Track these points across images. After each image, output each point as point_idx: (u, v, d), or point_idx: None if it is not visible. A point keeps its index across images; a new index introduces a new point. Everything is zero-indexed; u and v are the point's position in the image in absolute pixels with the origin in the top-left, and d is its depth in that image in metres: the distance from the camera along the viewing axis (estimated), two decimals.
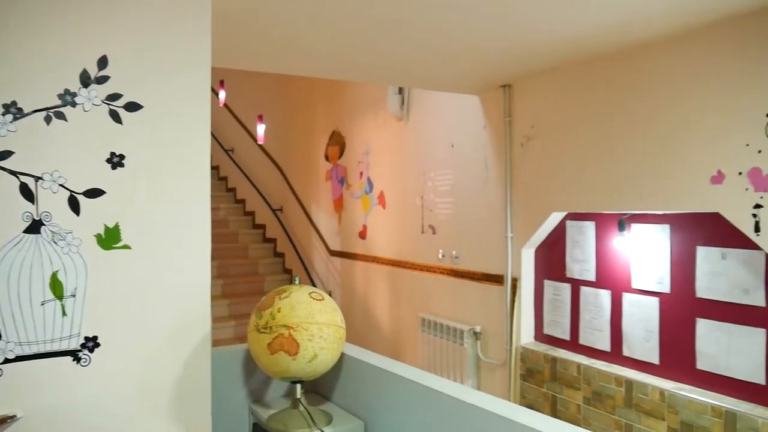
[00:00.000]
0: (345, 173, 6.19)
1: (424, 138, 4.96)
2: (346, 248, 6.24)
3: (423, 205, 4.97)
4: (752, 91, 2.62)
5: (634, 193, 3.14)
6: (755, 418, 2.66)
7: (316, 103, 6.74)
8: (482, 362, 4.32)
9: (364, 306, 5.93)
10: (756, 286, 2.76)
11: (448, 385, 1.81)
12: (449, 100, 4.61)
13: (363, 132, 5.86)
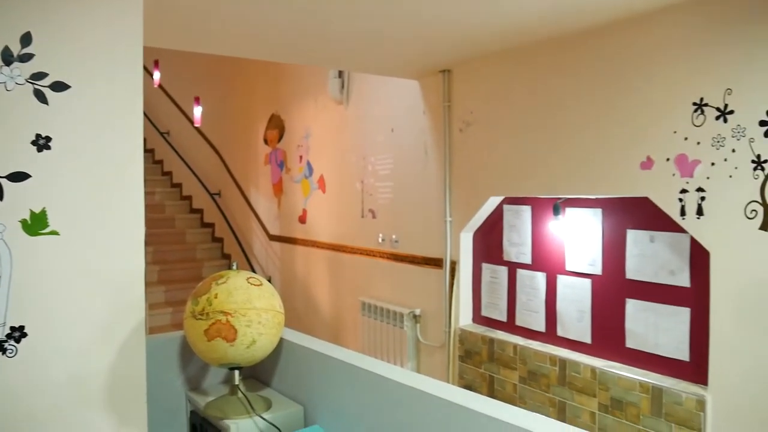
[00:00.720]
0: (284, 157, 6.13)
1: (364, 122, 4.95)
2: (285, 233, 6.19)
3: (363, 190, 4.97)
4: (679, 80, 2.72)
5: (569, 178, 3.22)
6: (680, 393, 2.79)
7: (255, 85, 6.63)
8: (422, 345, 4.38)
9: (305, 291, 5.90)
10: (681, 268, 2.88)
11: (386, 368, 1.82)
12: (389, 85, 4.61)
13: (303, 116, 5.80)
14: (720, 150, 2.58)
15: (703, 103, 2.64)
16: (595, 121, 3.08)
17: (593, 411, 3.18)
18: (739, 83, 2.51)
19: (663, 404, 2.86)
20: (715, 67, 2.59)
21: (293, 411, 2.11)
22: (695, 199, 2.67)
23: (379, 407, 1.78)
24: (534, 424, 1.32)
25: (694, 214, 2.68)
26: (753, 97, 2.47)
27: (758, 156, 2.46)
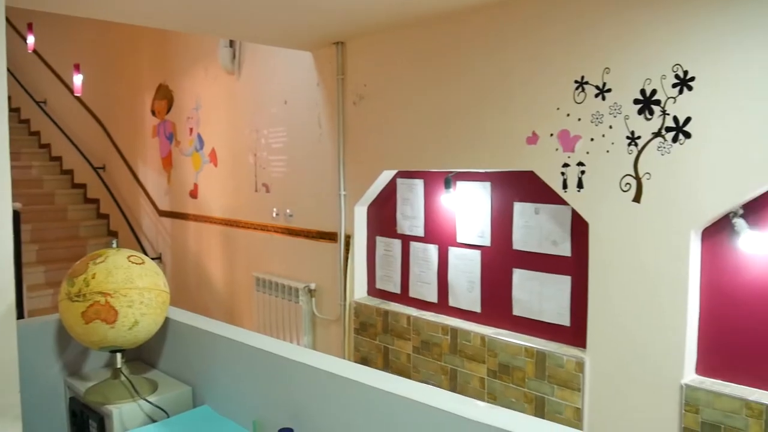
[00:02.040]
0: (174, 129, 5.88)
1: (256, 94, 4.82)
2: (176, 208, 5.97)
3: (256, 163, 4.86)
4: (562, 59, 2.82)
5: (459, 152, 3.29)
6: (561, 356, 2.95)
7: (141, 53, 6.30)
8: (317, 319, 4.38)
9: (198, 268, 5.74)
10: (563, 238, 3.02)
11: (275, 344, 1.80)
12: (282, 56, 4.51)
13: (192, 86, 5.58)
14: (599, 126, 2.71)
15: (583, 81, 2.75)
16: (484, 98, 3.15)
17: (482, 377, 3.31)
18: (616, 63, 2.64)
19: (546, 367, 3.02)
20: (595, 47, 2.70)
21: (181, 392, 2.05)
22: (576, 172, 2.80)
23: (270, 384, 1.75)
24: (419, 395, 1.34)
25: (574, 187, 2.81)
26: (628, 77, 2.60)
27: (632, 132, 2.60)
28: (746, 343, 2.45)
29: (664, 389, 2.58)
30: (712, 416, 2.45)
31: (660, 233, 2.55)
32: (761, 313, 2.40)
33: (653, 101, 2.53)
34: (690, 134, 2.43)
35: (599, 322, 2.79)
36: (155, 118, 6.13)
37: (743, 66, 2.28)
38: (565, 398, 2.94)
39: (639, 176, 2.59)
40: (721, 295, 2.50)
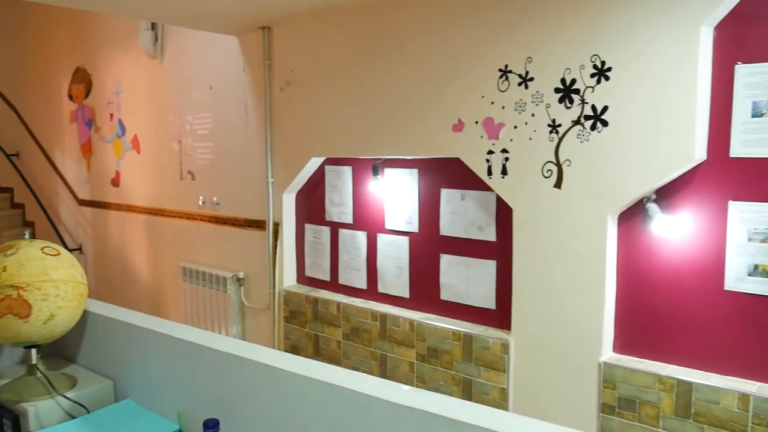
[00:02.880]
0: (93, 115, 5.66)
1: (180, 79, 4.69)
2: (97, 197, 5.76)
3: (181, 150, 4.74)
4: (486, 47, 2.87)
5: (387, 139, 3.30)
6: (487, 338, 3.02)
7: (56, 34, 6.00)
8: (246, 308, 4.33)
9: (121, 259, 5.56)
10: (488, 223, 3.09)
11: (200, 334, 1.77)
12: (207, 40, 4.39)
13: (112, 70, 5.37)
14: (521, 114, 2.78)
15: (507, 70, 2.81)
16: (411, 85, 3.17)
17: (412, 361, 3.35)
18: (538, 53, 2.70)
19: (473, 350, 3.09)
20: (518, 37, 2.76)
21: (102, 387, 1.98)
22: (500, 159, 2.86)
23: (195, 375, 1.72)
24: (346, 381, 1.35)
25: (499, 174, 2.87)
26: (549, 66, 2.67)
27: (553, 120, 2.67)
28: (658, 322, 2.57)
29: (584, 367, 2.69)
30: (628, 391, 2.58)
31: (579, 218, 2.64)
32: (671, 293, 2.53)
33: (573, 90, 2.61)
34: (607, 122, 2.52)
35: (523, 305, 2.87)
36: (73, 102, 5.88)
37: (656, 56, 2.38)
38: (491, 379, 3.02)
39: (560, 163, 2.67)
40: (636, 277, 2.62)
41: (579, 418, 2.72)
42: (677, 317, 2.52)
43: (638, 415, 2.56)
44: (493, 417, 1.13)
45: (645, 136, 2.43)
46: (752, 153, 2.30)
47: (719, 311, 2.42)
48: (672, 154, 2.37)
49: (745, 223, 2.33)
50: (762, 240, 2.30)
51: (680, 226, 2.48)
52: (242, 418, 1.59)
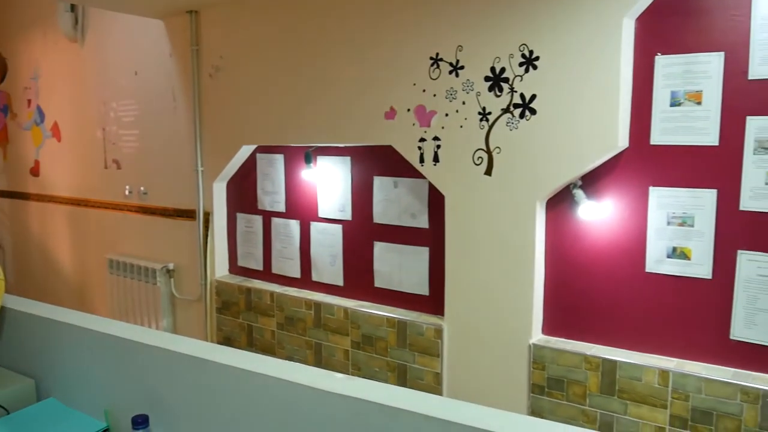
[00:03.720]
0: (9, 101, 5.38)
1: (103, 63, 4.51)
2: (15, 187, 5.49)
3: (105, 138, 4.57)
4: (418, 35, 2.88)
5: (319, 127, 3.28)
6: (421, 324, 3.06)
7: None
8: (177, 300, 4.23)
9: (43, 252, 5.33)
10: (421, 211, 3.12)
11: (126, 328, 1.72)
12: (131, 24, 4.24)
13: (29, 53, 5.11)
14: (453, 102, 2.80)
15: (438, 58, 2.83)
16: (343, 72, 3.15)
17: (347, 349, 3.36)
18: (468, 41, 2.73)
19: (407, 336, 3.12)
20: (449, 25, 2.78)
21: (23, 386, 1.90)
22: (432, 147, 2.88)
23: (122, 371, 1.68)
24: (278, 371, 1.34)
25: (431, 161, 2.90)
26: (479, 55, 2.70)
27: (484, 108, 2.71)
28: (584, 304, 2.67)
29: (515, 350, 2.76)
30: (557, 372, 2.66)
31: (509, 204, 2.70)
32: (596, 276, 2.62)
33: (502, 79, 2.66)
34: (535, 111, 2.58)
35: (455, 290, 2.92)
36: None
37: (581, 47, 2.44)
38: (426, 364, 3.06)
39: (490, 150, 2.72)
40: (563, 261, 2.70)
41: (510, 399, 2.79)
42: (602, 299, 2.62)
43: (566, 394, 2.65)
44: (426, 402, 1.14)
45: (571, 124, 2.50)
46: (670, 141, 2.40)
47: (641, 292, 2.52)
48: (596, 141, 2.45)
49: (664, 207, 2.44)
50: (680, 224, 2.41)
51: (605, 212, 2.57)
52: (173, 413, 1.56)
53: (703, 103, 2.33)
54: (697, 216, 2.38)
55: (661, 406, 2.43)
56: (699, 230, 2.38)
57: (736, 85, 2.26)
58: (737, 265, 2.32)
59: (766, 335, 2.28)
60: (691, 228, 2.39)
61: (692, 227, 2.39)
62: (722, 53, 2.27)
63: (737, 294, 2.33)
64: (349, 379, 1.25)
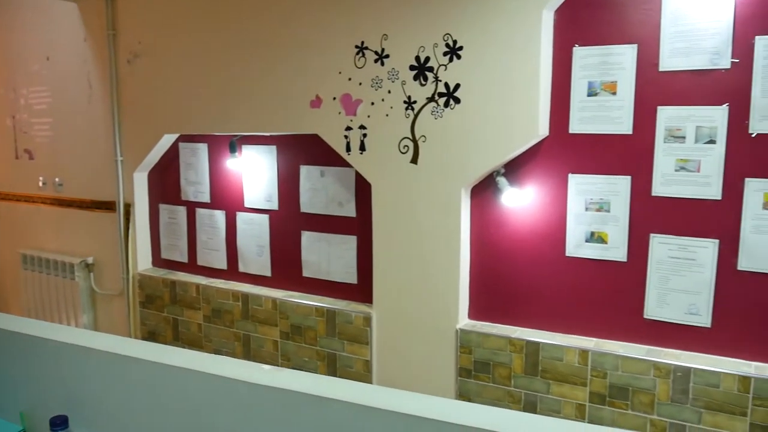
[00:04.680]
0: None
1: (12, 48, 4.27)
2: None
3: (15, 127, 4.34)
4: (343, 23, 2.86)
5: (243, 115, 3.22)
6: (350, 313, 3.07)
7: None
8: (97, 295, 4.08)
9: None
10: (348, 199, 3.12)
11: (41, 326, 1.64)
12: (42, 5, 4.02)
13: None
14: (378, 91, 2.81)
15: (364, 46, 2.82)
16: (268, 60, 3.10)
17: (275, 339, 3.33)
18: (394, 30, 2.74)
19: (336, 324, 3.12)
20: (374, 13, 2.78)
21: None
22: (358, 135, 2.88)
23: (38, 371, 1.61)
24: (203, 365, 1.32)
25: (357, 150, 2.90)
26: (404, 44, 2.72)
27: (409, 97, 2.73)
28: (509, 288, 2.74)
29: (442, 335, 2.81)
30: (483, 355, 2.73)
31: (435, 192, 2.74)
32: (520, 261, 2.69)
33: (427, 68, 2.68)
34: (459, 100, 2.62)
35: (383, 278, 2.94)
36: None
37: (502, 37, 2.49)
38: (355, 352, 3.08)
39: (416, 139, 2.74)
40: (488, 247, 2.76)
41: (439, 384, 2.84)
42: (525, 283, 2.70)
43: (492, 376, 2.72)
44: (353, 389, 1.15)
45: (494, 112, 2.55)
46: (588, 129, 2.49)
47: (561, 276, 2.62)
48: (518, 130, 2.51)
49: (583, 194, 2.53)
50: (597, 209, 2.51)
51: (527, 198, 2.64)
52: (94, 413, 1.51)
53: (618, 94, 2.42)
54: (613, 202, 2.48)
55: (581, 384, 2.53)
56: (615, 215, 2.48)
57: (648, 77, 2.37)
58: (650, 248, 2.44)
59: (676, 314, 2.41)
60: (608, 213, 2.49)
61: (608, 212, 2.49)
62: (635, 45, 2.37)
63: (650, 275, 2.45)
64: (276, 370, 1.25)
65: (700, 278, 2.36)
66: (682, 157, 2.34)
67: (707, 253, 2.34)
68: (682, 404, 2.35)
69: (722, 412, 2.29)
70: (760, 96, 2.20)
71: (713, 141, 2.28)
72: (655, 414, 2.41)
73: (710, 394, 2.30)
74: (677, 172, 2.35)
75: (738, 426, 2.28)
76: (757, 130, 2.21)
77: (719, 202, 2.31)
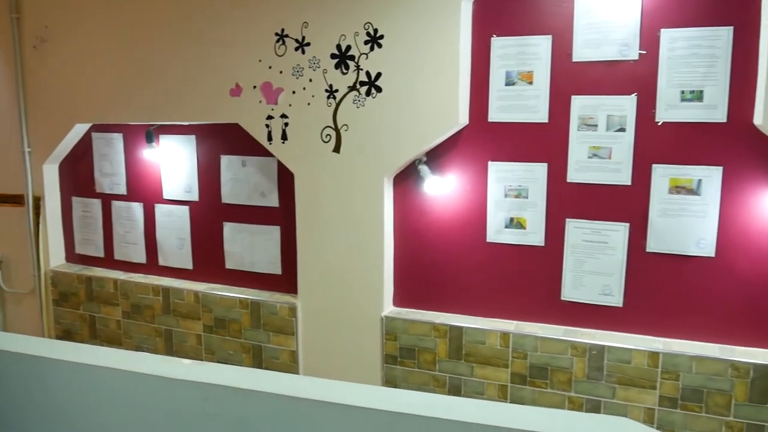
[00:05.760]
0: None
1: None
2: None
3: None
4: (263, 10, 2.81)
5: (160, 104, 3.12)
6: (275, 304, 3.04)
7: None
8: (6, 293, 3.87)
9: None
10: (271, 189, 3.08)
11: None
12: None
13: None
14: (299, 79, 2.78)
15: (284, 34, 2.79)
16: (187, 48, 3.01)
17: (199, 333, 3.27)
18: (314, 18, 2.71)
19: (261, 316, 3.09)
20: (294, 1, 2.74)
21: None
22: (280, 124, 2.85)
23: None
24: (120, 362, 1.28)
25: (279, 139, 2.86)
26: (325, 32, 2.70)
27: (330, 86, 2.72)
28: (432, 275, 2.78)
29: (368, 323, 2.83)
30: (408, 341, 2.76)
31: (358, 181, 2.74)
32: (442, 248, 2.74)
33: (348, 57, 2.67)
34: (381, 88, 2.63)
35: (308, 268, 2.93)
36: None
37: (422, 27, 2.52)
38: (281, 343, 3.06)
39: (338, 128, 2.74)
40: (411, 234, 2.79)
41: (365, 371, 2.86)
42: (448, 269, 2.75)
43: (418, 361, 2.76)
44: (276, 380, 1.15)
45: (415, 101, 2.57)
46: (506, 118, 2.55)
47: (483, 261, 2.68)
48: (439, 118, 2.55)
49: (502, 181, 2.59)
50: (515, 196, 2.58)
51: (448, 186, 2.69)
52: (5, 418, 1.43)
53: (534, 83, 2.49)
54: (530, 188, 2.55)
55: (503, 366, 2.61)
56: (533, 201, 2.56)
57: (562, 67, 2.45)
58: (566, 232, 2.53)
59: (591, 295, 2.52)
60: (526, 199, 2.57)
61: (527, 199, 2.57)
62: (550, 36, 2.44)
63: (566, 259, 2.54)
64: (198, 364, 1.22)
65: (612, 260, 2.47)
66: (594, 144, 2.44)
67: (619, 237, 2.45)
68: (598, 381, 2.47)
69: (634, 387, 2.42)
70: (665, 86, 2.31)
71: (623, 129, 2.39)
72: (573, 391, 2.51)
73: (623, 370, 2.42)
74: (590, 159, 2.45)
75: (648, 398, 2.41)
76: (663, 119, 2.33)
77: (629, 187, 2.42)
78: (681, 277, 2.39)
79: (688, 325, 2.41)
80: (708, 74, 2.25)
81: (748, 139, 2.24)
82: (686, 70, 2.28)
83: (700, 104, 2.28)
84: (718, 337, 2.38)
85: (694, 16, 2.26)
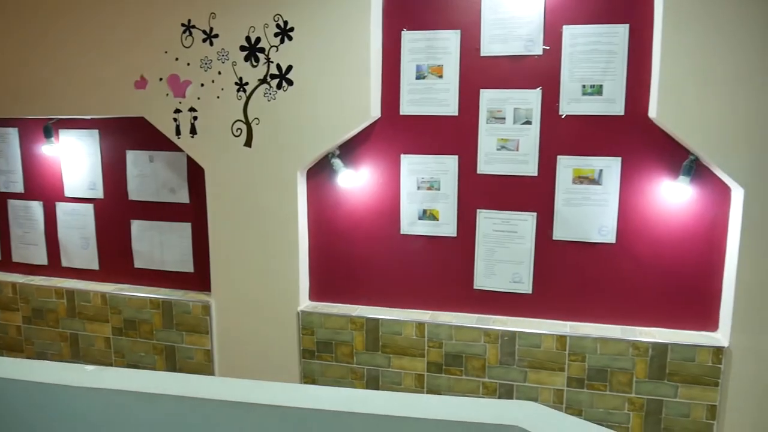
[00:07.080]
0: None
1: None
2: None
3: None
4: (168, 1, 2.73)
5: (59, 96, 2.96)
6: (187, 302, 2.96)
7: None
8: None
9: None
10: (181, 185, 2.99)
11: None
12: None
13: None
14: (208, 72, 2.71)
15: (191, 25, 2.71)
16: (88, 35, 2.87)
17: (107, 336, 3.14)
18: (222, 9, 2.65)
19: (174, 315, 3.00)
20: None
21: None
22: (188, 118, 2.77)
23: None
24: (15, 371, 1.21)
25: (188, 134, 2.78)
26: (234, 24, 2.64)
27: (241, 78, 2.67)
28: (347, 268, 2.79)
29: (284, 318, 2.81)
30: (325, 335, 2.76)
31: (271, 175, 2.71)
32: (357, 241, 2.75)
33: (258, 49, 2.63)
34: (292, 81, 2.60)
35: (221, 265, 2.87)
36: None
37: (333, 19, 2.51)
38: (195, 343, 2.98)
39: (249, 121, 2.69)
40: (326, 228, 2.79)
41: (282, 367, 2.84)
42: (364, 262, 2.76)
43: (335, 355, 2.77)
44: (184, 382, 1.12)
45: (327, 94, 2.56)
46: (417, 111, 2.59)
47: (398, 253, 2.71)
48: (351, 111, 2.55)
49: (415, 173, 2.63)
50: (428, 188, 2.62)
51: (362, 179, 2.70)
52: None
53: (444, 77, 2.53)
54: (442, 180, 2.60)
55: (420, 356, 2.65)
56: (445, 193, 2.61)
57: (471, 61, 2.50)
58: (477, 223, 2.59)
59: (502, 283, 2.60)
60: (438, 191, 2.61)
61: (439, 190, 2.61)
62: (459, 31, 2.49)
63: (478, 248, 2.61)
64: (100, 369, 1.18)
65: (521, 249, 2.56)
66: (502, 136, 2.51)
67: (527, 226, 2.54)
68: (510, 366, 2.55)
69: (544, 370, 2.52)
70: (568, 81, 2.40)
71: (529, 122, 2.47)
72: (487, 377, 2.58)
73: (533, 354, 2.52)
74: (499, 151, 2.52)
75: (557, 380, 2.51)
76: (567, 112, 2.43)
77: (536, 178, 2.50)
78: (585, 263, 2.51)
79: (592, 308, 2.54)
80: (607, 69, 2.36)
81: (644, 131, 2.37)
82: (587, 66, 2.38)
83: (600, 98, 2.39)
84: (621, 319, 2.52)
85: (594, 14, 2.36)
